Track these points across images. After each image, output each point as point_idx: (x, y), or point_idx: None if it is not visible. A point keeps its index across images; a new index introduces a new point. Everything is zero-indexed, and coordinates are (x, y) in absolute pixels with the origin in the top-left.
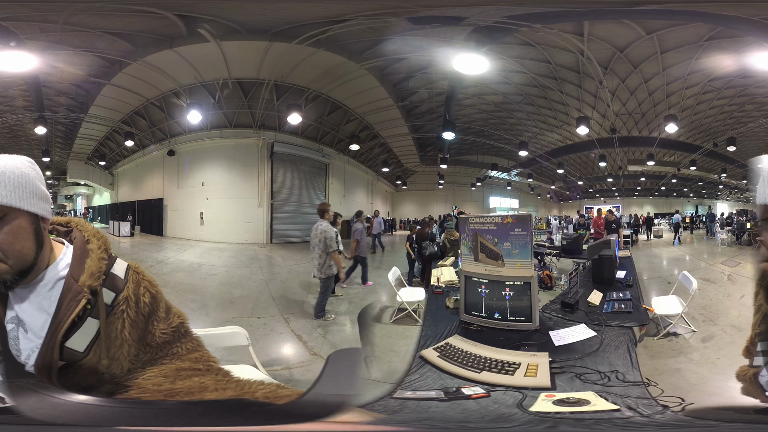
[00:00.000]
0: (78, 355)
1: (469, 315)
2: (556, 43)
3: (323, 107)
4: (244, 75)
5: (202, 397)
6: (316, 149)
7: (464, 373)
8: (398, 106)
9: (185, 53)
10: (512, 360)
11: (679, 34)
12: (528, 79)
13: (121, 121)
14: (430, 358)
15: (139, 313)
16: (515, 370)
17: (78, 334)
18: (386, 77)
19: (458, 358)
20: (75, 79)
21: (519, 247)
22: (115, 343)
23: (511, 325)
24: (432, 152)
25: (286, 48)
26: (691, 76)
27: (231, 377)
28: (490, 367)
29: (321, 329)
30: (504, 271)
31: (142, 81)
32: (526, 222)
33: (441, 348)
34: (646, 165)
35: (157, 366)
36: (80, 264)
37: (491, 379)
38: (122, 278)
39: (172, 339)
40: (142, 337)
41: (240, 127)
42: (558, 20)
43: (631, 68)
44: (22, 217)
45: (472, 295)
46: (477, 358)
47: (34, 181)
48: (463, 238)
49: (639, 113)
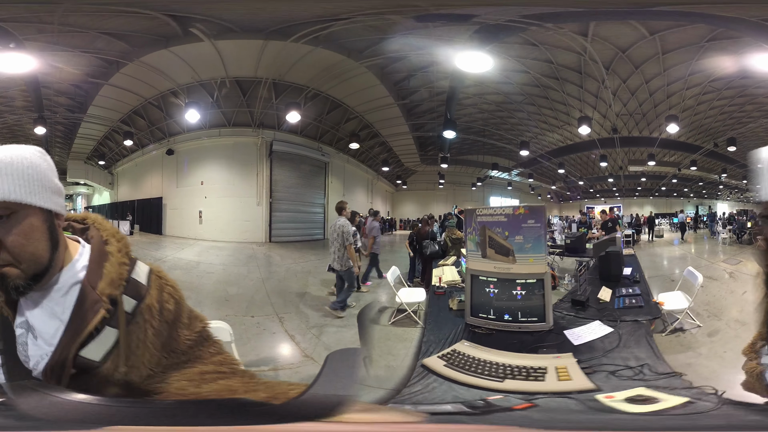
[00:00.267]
0: (93, 363)
1: (476, 317)
2: (560, 43)
3: (323, 106)
4: (242, 74)
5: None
6: (315, 148)
7: (483, 383)
8: (398, 104)
9: (181, 53)
10: (535, 365)
11: (681, 35)
12: (530, 79)
13: (120, 121)
14: (436, 367)
15: (163, 321)
16: (544, 374)
17: (94, 344)
18: (386, 76)
19: (472, 367)
20: (74, 79)
21: (532, 240)
22: (135, 352)
23: (523, 327)
24: (432, 151)
25: (283, 46)
26: (691, 76)
27: (259, 379)
28: (513, 374)
29: (316, 330)
30: (515, 267)
31: (140, 81)
32: (540, 213)
33: (448, 356)
34: (647, 165)
35: (179, 370)
36: (98, 268)
37: (519, 387)
38: (144, 284)
39: (195, 344)
40: (165, 344)
41: (239, 126)
42: (567, 20)
43: (633, 69)
44: (34, 215)
45: (479, 295)
46: (495, 366)
47: (46, 173)
48: (469, 232)
49: (640, 113)
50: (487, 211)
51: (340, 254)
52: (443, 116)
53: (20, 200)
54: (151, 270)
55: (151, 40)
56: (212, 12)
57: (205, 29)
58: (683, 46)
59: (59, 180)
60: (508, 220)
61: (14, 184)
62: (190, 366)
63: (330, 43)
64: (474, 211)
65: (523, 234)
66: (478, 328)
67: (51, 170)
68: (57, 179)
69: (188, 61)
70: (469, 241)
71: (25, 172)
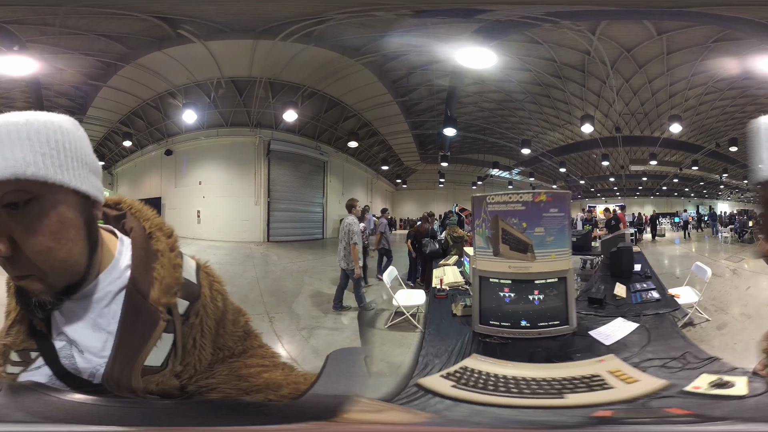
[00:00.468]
0: (155, 369)
1: (487, 325)
2: (564, 41)
3: (320, 104)
4: (236, 74)
5: (277, 394)
6: (313, 147)
7: (530, 402)
8: (397, 101)
9: (174, 54)
10: (585, 373)
11: (688, 35)
12: (532, 77)
13: (119, 122)
14: (440, 389)
15: (212, 319)
16: (604, 381)
17: (153, 352)
18: (385, 73)
19: (498, 385)
20: (73, 81)
21: (555, 232)
22: (191, 352)
23: (543, 332)
24: (432, 150)
25: (272, 45)
26: (694, 77)
27: (297, 371)
28: (570, 387)
29: (306, 332)
30: (534, 266)
31: (137, 82)
32: (564, 201)
33: (457, 374)
34: (649, 164)
35: (225, 364)
36: (146, 271)
37: (588, 400)
38: (195, 283)
39: (240, 339)
40: (215, 340)
41: (236, 126)
42: (581, 18)
43: (636, 68)
44: (66, 202)
45: (489, 300)
46: (536, 382)
47: (82, 143)
48: (478, 225)
49: (642, 113)
50: (500, 198)
51: (346, 253)
52: (443, 114)
53: (46, 178)
54: (198, 266)
55: (145, 42)
56: (196, 13)
57: (193, 30)
58: (689, 46)
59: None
60: (526, 209)
61: (35, 152)
62: (235, 360)
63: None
64: (484, 198)
65: (545, 225)
66: (491, 338)
67: (87, 142)
68: (94, 155)
69: (182, 62)
70: (477, 236)
71: (53, 138)
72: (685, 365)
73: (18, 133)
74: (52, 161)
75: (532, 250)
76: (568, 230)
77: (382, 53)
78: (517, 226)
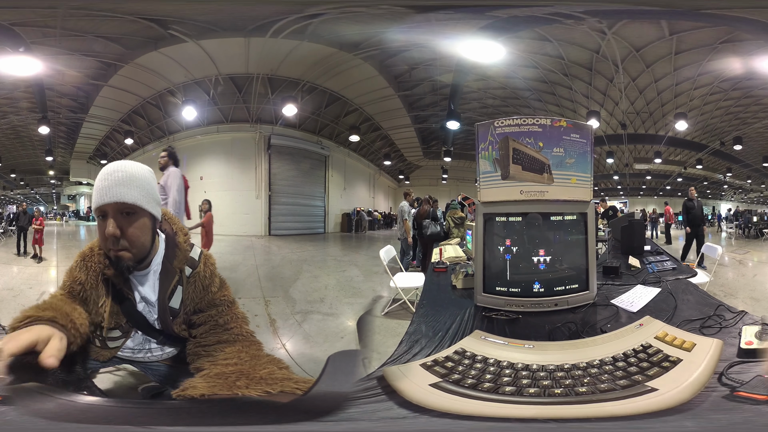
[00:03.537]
0: (175, 311)
1: (492, 295)
2: (575, 39)
3: (320, 99)
4: (234, 71)
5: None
6: (314, 141)
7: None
8: (399, 95)
9: (170, 53)
10: (634, 345)
11: (696, 35)
12: (538, 74)
13: (120, 121)
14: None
15: (202, 282)
16: (661, 352)
17: (174, 298)
18: (386, 68)
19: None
20: (75, 81)
21: (576, 155)
22: (191, 297)
23: (560, 301)
24: (435, 145)
25: (265, 42)
26: (700, 77)
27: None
28: (618, 368)
29: (300, 316)
30: (552, 191)
31: (137, 81)
32: (587, 132)
33: (448, 364)
34: (653, 163)
35: (209, 324)
36: (172, 253)
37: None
38: (197, 260)
39: (223, 303)
40: (203, 296)
41: (236, 122)
42: (602, 17)
43: (644, 67)
44: (147, 217)
45: (495, 256)
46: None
47: (155, 188)
48: (483, 148)
49: (647, 112)
50: (512, 122)
51: (401, 227)
52: (446, 109)
53: (142, 206)
54: (201, 252)
55: (141, 42)
56: (181, 14)
57: (183, 30)
58: (697, 47)
59: (55, 186)
60: (543, 131)
61: (140, 193)
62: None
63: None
64: (491, 123)
65: (565, 147)
66: (497, 313)
67: (155, 183)
68: (158, 190)
69: (179, 61)
70: (482, 159)
71: (146, 186)
72: (720, 322)
73: (136, 182)
74: (145, 198)
75: (549, 170)
76: (590, 157)
77: (381, 47)
78: (531, 146)
